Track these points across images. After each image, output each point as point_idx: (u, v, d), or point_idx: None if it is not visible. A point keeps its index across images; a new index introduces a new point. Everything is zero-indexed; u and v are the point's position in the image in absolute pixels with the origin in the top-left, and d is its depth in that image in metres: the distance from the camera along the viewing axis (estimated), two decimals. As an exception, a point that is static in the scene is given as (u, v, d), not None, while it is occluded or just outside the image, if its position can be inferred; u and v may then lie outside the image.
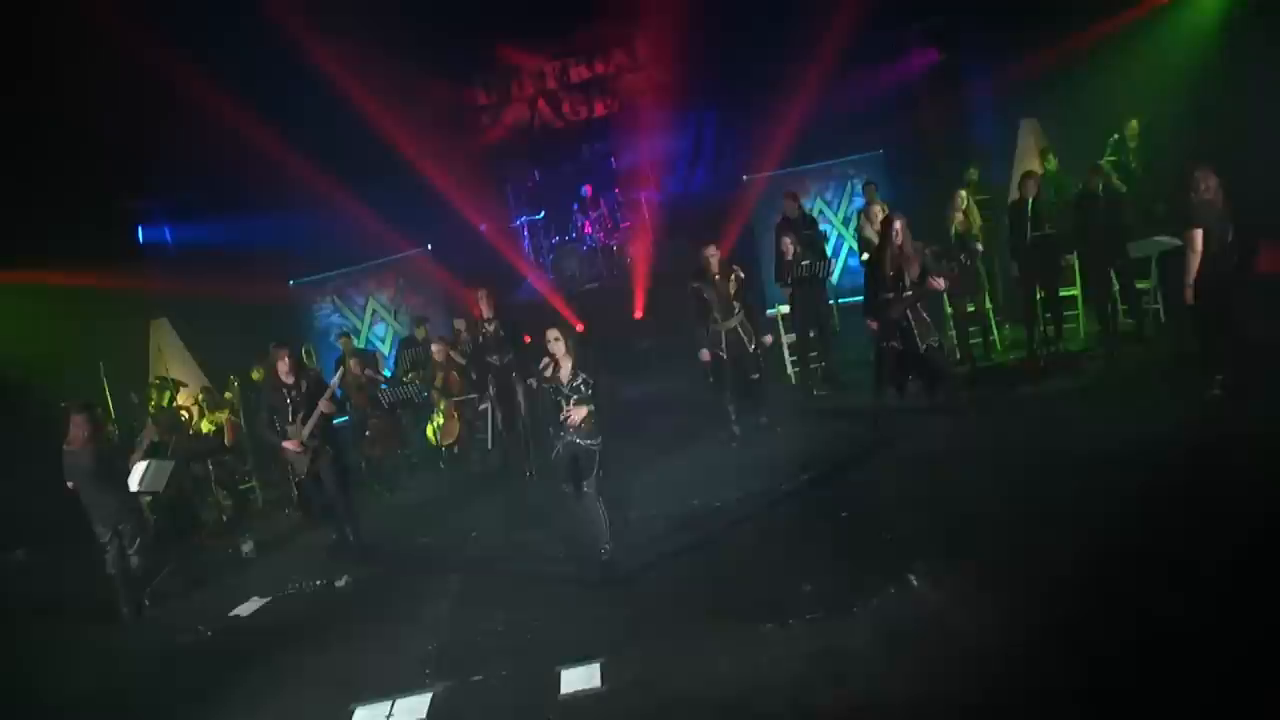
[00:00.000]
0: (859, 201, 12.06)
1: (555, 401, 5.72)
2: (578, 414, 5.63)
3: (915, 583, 4.88)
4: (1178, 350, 7.41)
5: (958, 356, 8.34)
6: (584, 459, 5.71)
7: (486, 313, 8.14)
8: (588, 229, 13.52)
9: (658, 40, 14.29)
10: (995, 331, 8.81)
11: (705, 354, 7.78)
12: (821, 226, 10.61)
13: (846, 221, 12.19)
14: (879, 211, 8.41)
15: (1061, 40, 10.23)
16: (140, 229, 12.13)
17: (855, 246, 11.92)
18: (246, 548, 8.03)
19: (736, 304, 7.73)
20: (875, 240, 8.36)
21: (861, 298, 7.71)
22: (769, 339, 8.10)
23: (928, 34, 12.23)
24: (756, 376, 7.89)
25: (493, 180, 14.27)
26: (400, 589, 6.46)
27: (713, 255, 7.70)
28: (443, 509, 8.08)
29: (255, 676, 5.51)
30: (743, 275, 7.81)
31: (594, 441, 5.69)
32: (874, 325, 7.16)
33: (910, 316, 7.09)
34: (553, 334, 5.70)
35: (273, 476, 9.92)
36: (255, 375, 9.87)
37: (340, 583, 6.77)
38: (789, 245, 8.72)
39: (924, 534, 5.42)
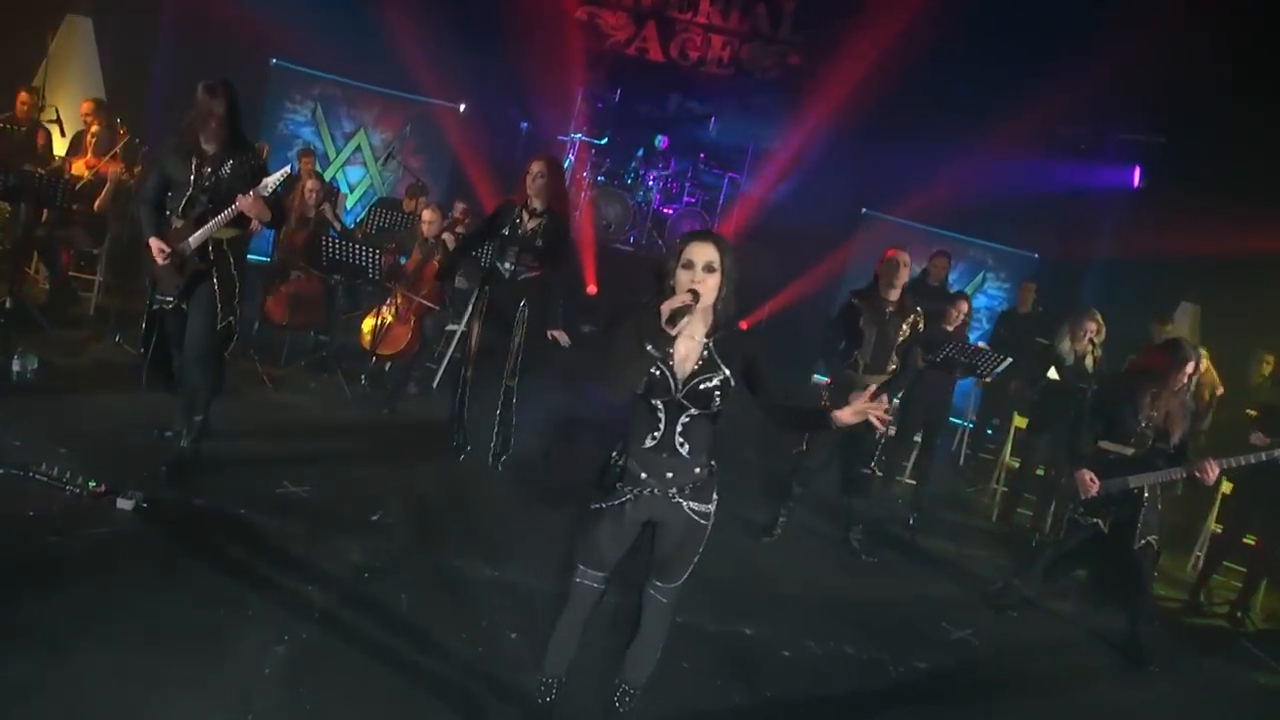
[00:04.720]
0: (986, 300, 9.64)
1: (648, 403, 2.64)
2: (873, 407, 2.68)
3: None
4: None
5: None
6: (680, 538, 2.72)
7: (536, 201, 5.09)
8: (649, 181, 10.73)
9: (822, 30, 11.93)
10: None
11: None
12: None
13: (960, 314, 9.70)
14: (1095, 326, 5.91)
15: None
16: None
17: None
18: (21, 365, 5.01)
19: (896, 358, 5.11)
20: (1068, 359, 5.98)
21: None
22: (892, 428, 5.40)
23: (1133, 148, 9.92)
24: (868, 471, 5.24)
25: (566, 80, 11.39)
26: (218, 570, 3.55)
27: (903, 269, 5.01)
28: (342, 449, 5.13)
29: None
30: (922, 326, 5.19)
31: (708, 510, 2.74)
32: (1092, 486, 4.59)
33: (1147, 497, 4.60)
34: (706, 252, 2.58)
35: (125, 280, 6.89)
36: None
37: (125, 503, 3.82)
38: (963, 311, 6.17)
39: None
